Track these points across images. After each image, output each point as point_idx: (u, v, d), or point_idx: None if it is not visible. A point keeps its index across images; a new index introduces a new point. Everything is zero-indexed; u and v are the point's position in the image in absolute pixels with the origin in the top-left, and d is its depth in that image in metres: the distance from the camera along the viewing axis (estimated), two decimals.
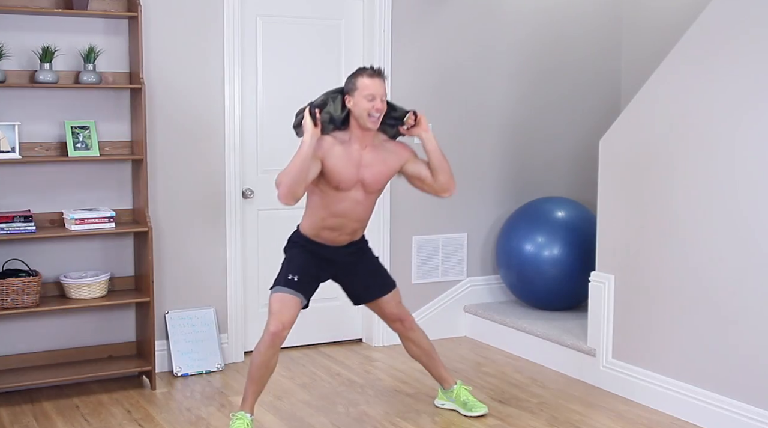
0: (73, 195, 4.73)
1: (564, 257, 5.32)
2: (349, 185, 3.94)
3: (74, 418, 4.29)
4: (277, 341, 3.91)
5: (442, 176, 4.05)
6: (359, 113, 3.86)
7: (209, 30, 4.97)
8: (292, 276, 3.99)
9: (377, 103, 3.84)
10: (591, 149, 5.41)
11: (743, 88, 3.95)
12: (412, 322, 4.32)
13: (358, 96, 3.85)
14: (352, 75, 3.92)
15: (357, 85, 3.86)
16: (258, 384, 3.98)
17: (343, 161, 3.89)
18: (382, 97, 3.86)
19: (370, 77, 3.85)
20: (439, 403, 4.45)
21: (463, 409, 4.32)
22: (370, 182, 3.99)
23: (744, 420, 3.95)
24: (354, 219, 4.04)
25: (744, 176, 3.95)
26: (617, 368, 4.65)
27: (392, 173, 4.06)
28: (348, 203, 3.98)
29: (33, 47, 4.55)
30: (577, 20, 6.08)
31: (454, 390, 4.37)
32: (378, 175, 3.99)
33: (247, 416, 3.96)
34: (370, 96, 3.83)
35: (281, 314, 3.94)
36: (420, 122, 4.04)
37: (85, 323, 4.83)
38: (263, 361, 3.93)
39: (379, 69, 3.91)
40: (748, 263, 3.94)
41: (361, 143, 3.95)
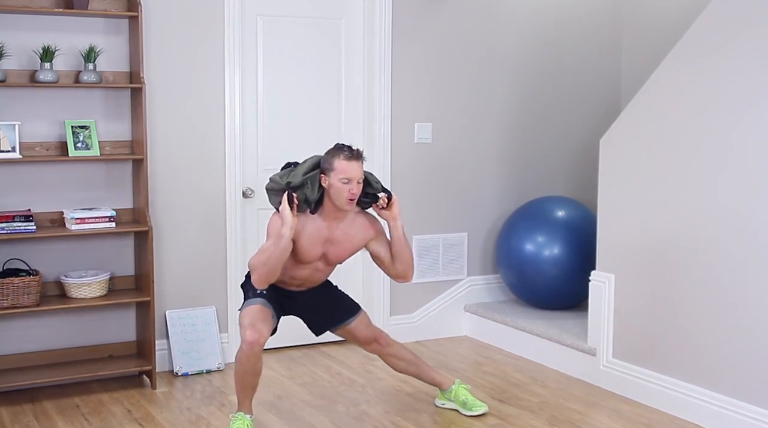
0: (73, 195, 4.73)
1: (564, 256, 5.32)
2: (311, 259, 3.98)
3: (75, 418, 4.30)
4: (256, 349, 3.88)
5: (400, 265, 4.03)
6: (334, 195, 3.85)
7: (209, 29, 4.97)
8: (261, 291, 3.97)
9: (353, 186, 3.82)
10: (591, 149, 5.41)
11: (743, 88, 3.95)
12: (387, 338, 4.29)
13: (333, 178, 3.82)
14: (329, 153, 3.88)
15: (334, 165, 3.82)
16: (248, 389, 4.00)
17: (311, 241, 3.92)
18: (359, 180, 3.84)
19: (347, 160, 3.82)
20: (439, 403, 4.45)
21: (463, 409, 4.32)
22: (333, 258, 4.03)
23: (744, 419, 3.96)
24: (314, 281, 4.12)
25: (744, 174, 3.95)
26: (617, 367, 4.65)
27: (356, 250, 4.07)
28: (308, 271, 4.05)
29: (33, 47, 4.55)
30: (577, 20, 6.08)
31: (452, 390, 4.37)
32: (342, 252, 4.02)
33: (247, 417, 3.98)
34: (346, 179, 3.81)
35: (255, 324, 3.90)
36: (392, 206, 4.01)
37: (86, 322, 4.83)
38: (246, 370, 3.93)
39: (358, 151, 3.87)
40: (748, 261, 3.94)
41: (331, 221, 3.95)
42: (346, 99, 5.50)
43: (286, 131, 5.34)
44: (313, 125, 5.42)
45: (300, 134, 5.38)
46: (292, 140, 5.35)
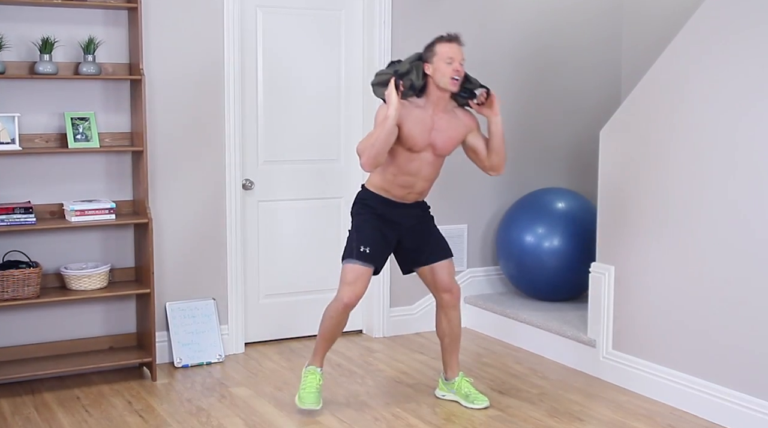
0: (73, 186, 4.73)
1: (564, 248, 5.32)
2: (420, 147, 4.09)
3: (75, 409, 4.30)
4: (348, 310, 4.13)
5: (496, 158, 4.20)
6: (439, 78, 4.02)
7: (209, 21, 4.96)
8: (364, 248, 4.12)
9: (456, 65, 4.00)
10: (591, 140, 5.41)
11: (745, 79, 3.94)
12: (458, 299, 4.35)
13: (437, 62, 4.01)
14: (430, 44, 4.07)
15: (436, 50, 4.03)
16: (329, 341, 4.24)
17: (419, 127, 4.05)
18: (461, 61, 4.02)
19: (448, 42, 4.02)
20: (440, 394, 4.46)
21: (465, 401, 4.33)
22: (440, 147, 4.15)
23: (744, 411, 3.96)
24: (423, 178, 4.20)
25: (745, 166, 3.95)
26: (617, 359, 4.66)
27: (460, 140, 4.22)
28: (418, 163, 4.13)
29: (32, 38, 4.54)
30: (576, 10, 6.07)
31: (455, 381, 4.38)
32: (448, 140, 4.15)
33: (318, 370, 4.22)
34: (449, 59, 3.99)
35: (355, 286, 4.10)
36: (491, 102, 4.17)
37: (86, 314, 4.84)
38: (334, 324, 4.17)
39: (456, 34, 4.07)
40: (747, 253, 3.94)
41: (435, 108, 4.10)
42: (345, 91, 5.49)
43: (285, 123, 5.34)
44: (313, 116, 5.41)
45: (300, 125, 5.37)
46: (291, 132, 5.35)
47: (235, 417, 4.20)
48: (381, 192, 4.18)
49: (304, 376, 4.23)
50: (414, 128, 4.03)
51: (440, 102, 4.09)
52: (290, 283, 5.39)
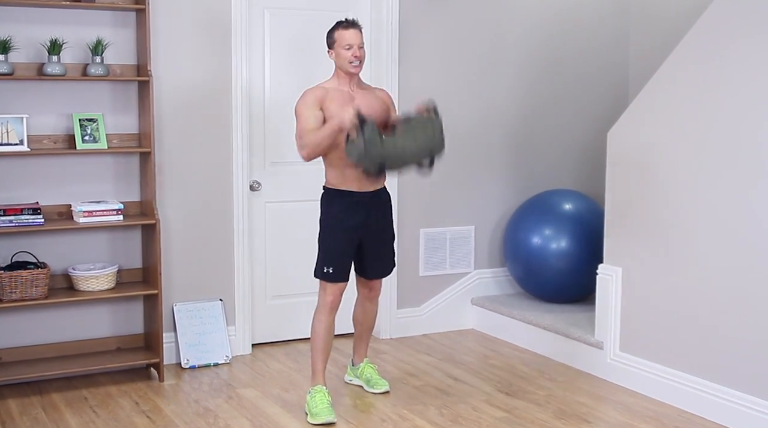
0: (81, 187, 4.74)
1: (571, 249, 5.31)
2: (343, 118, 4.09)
3: (83, 410, 4.31)
4: (334, 308, 4.28)
5: None
6: (341, 63, 4.19)
7: (217, 22, 4.97)
8: (328, 269, 4.25)
9: (355, 50, 4.16)
10: (599, 142, 5.40)
11: (753, 81, 3.93)
12: (377, 296, 4.54)
13: (338, 48, 4.19)
14: (330, 30, 4.24)
15: (335, 37, 4.20)
16: (325, 352, 4.29)
17: (337, 101, 4.16)
18: (359, 45, 4.18)
19: (345, 29, 4.19)
20: (347, 379, 4.70)
21: (367, 385, 4.57)
22: (367, 112, 4.08)
23: (751, 413, 3.95)
24: None
25: (753, 168, 3.94)
26: (625, 360, 4.65)
27: (384, 107, 4.32)
28: None
29: (41, 40, 4.55)
30: (584, 11, 6.06)
31: (360, 367, 4.61)
32: (372, 106, 4.23)
33: (324, 388, 4.24)
34: (348, 45, 4.16)
35: (332, 290, 4.27)
36: None
37: (94, 315, 4.85)
38: (326, 326, 4.27)
39: (354, 20, 4.24)
40: (755, 255, 3.93)
41: (348, 86, 4.24)
42: None
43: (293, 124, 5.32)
44: None
45: None
46: None
47: (242, 418, 4.20)
48: (341, 186, 4.24)
49: (311, 397, 4.20)
50: (333, 104, 4.14)
51: (351, 81, 4.23)
52: (297, 284, 5.39)
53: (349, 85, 4.25)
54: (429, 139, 4.09)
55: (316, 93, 4.18)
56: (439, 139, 4.11)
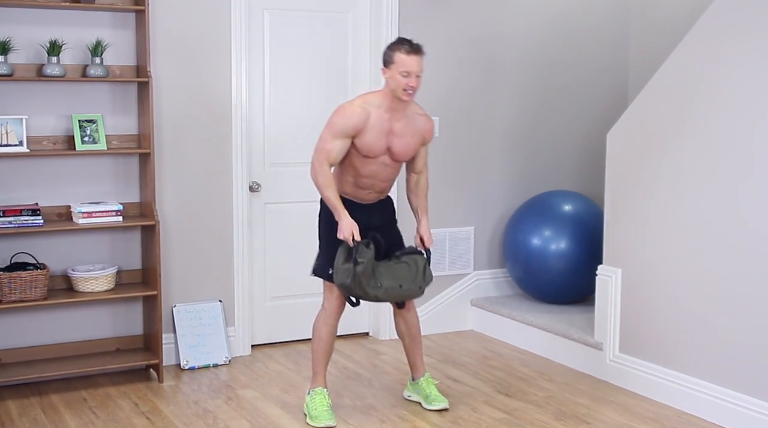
0: (80, 189, 4.74)
1: (571, 250, 5.31)
2: (377, 154, 4.04)
3: (82, 411, 4.31)
4: (339, 313, 4.20)
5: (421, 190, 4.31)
6: (394, 87, 3.95)
7: (216, 23, 4.97)
8: (332, 270, 4.10)
9: (412, 80, 3.92)
10: (598, 143, 5.40)
11: (753, 81, 3.93)
12: (411, 302, 4.35)
13: (394, 70, 3.93)
14: (391, 47, 3.99)
15: (395, 59, 3.93)
16: (327, 355, 4.22)
17: (375, 134, 3.99)
18: (418, 74, 3.94)
19: (407, 54, 3.92)
20: (405, 395, 4.48)
21: (425, 402, 4.34)
22: (397, 152, 4.08)
23: (751, 414, 3.95)
24: (382, 179, 4.16)
25: (753, 169, 3.94)
26: (624, 362, 4.65)
27: (416, 145, 4.16)
28: (376, 166, 4.09)
29: (40, 41, 4.55)
30: (584, 12, 6.06)
31: (420, 382, 4.38)
32: (406, 146, 4.10)
33: (324, 390, 4.18)
34: (406, 73, 3.91)
35: (338, 294, 4.14)
36: None
37: (93, 316, 4.84)
38: (330, 330, 4.20)
39: (418, 45, 3.97)
40: (755, 256, 3.93)
41: (393, 113, 4.03)
42: (352, 93, 5.48)
43: (292, 126, 5.34)
44: (319, 119, 5.37)
45: (306, 128, 5.37)
46: (298, 135, 5.35)
47: (242, 419, 4.20)
48: (343, 195, 4.12)
49: (310, 399, 4.17)
50: (370, 136, 3.98)
51: (398, 107, 4.03)
52: (297, 285, 5.38)
53: (393, 111, 4.02)
54: (412, 286, 4.13)
55: (359, 118, 3.94)
56: (423, 288, 4.17)
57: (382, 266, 4.07)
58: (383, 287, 4.03)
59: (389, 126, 4.02)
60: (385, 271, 4.06)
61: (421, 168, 4.26)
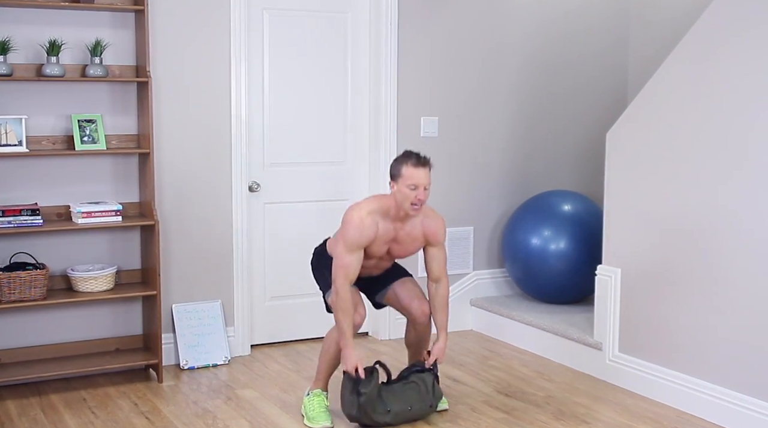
0: (80, 188, 4.74)
1: (570, 250, 5.31)
2: (375, 256, 4.08)
3: (81, 411, 4.31)
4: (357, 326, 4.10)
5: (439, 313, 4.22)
6: (401, 200, 3.92)
7: (216, 23, 4.97)
8: None
9: (420, 192, 3.89)
10: (598, 143, 5.40)
11: (752, 81, 3.94)
12: (427, 316, 4.24)
13: (401, 183, 3.90)
14: (397, 160, 3.97)
15: (402, 172, 3.90)
16: (333, 367, 4.19)
17: (379, 243, 4.01)
18: (426, 187, 3.91)
19: (415, 167, 3.89)
20: None
21: None
22: (395, 254, 4.14)
23: (750, 414, 3.95)
24: (381, 268, 4.23)
25: (752, 169, 3.94)
26: (623, 361, 4.65)
27: (417, 250, 4.16)
28: (374, 261, 4.13)
29: (40, 41, 4.55)
30: (584, 13, 6.06)
31: None
32: (404, 252, 4.14)
33: (324, 393, 4.17)
34: (413, 186, 3.88)
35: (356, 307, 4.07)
36: None
37: (92, 316, 4.84)
38: (338, 349, 4.09)
39: (426, 158, 3.94)
40: (755, 256, 3.93)
41: (397, 222, 4.02)
42: (352, 93, 5.50)
43: (292, 125, 5.34)
44: (319, 118, 5.42)
45: (306, 127, 5.38)
46: (298, 134, 5.35)
47: (241, 419, 4.20)
48: None
49: (309, 400, 4.16)
50: (376, 245, 4.00)
51: (405, 218, 4.00)
52: (296, 285, 5.39)
53: (398, 220, 3.99)
54: (422, 406, 4.10)
55: (371, 231, 3.93)
56: (434, 406, 4.14)
57: (389, 390, 4.04)
58: (392, 412, 4.00)
59: (393, 235, 4.02)
60: (393, 394, 4.04)
61: (439, 275, 4.17)
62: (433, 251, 4.15)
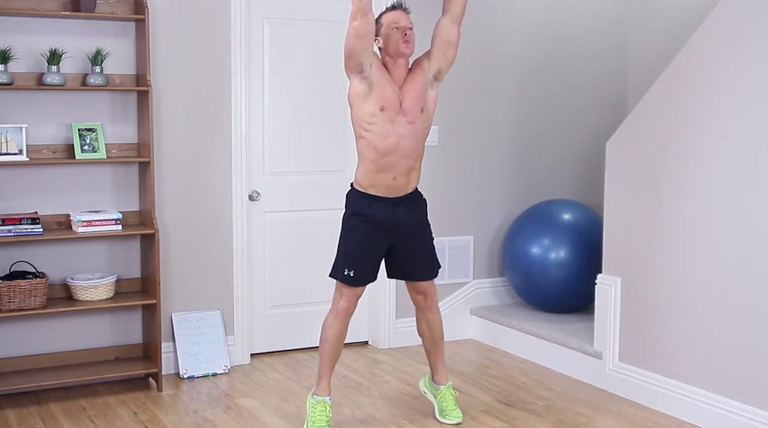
0: (80, 197, 4.74)
1: (570, 259, 5.31)
2: (391, 106, 3.96)
3: (81, 420, 4.30)
4: (348, 316, 4.09)
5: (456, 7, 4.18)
6: (393, 45, 3.97)
7: (216, 32, 4.98)
8: (349, 272, 4.03)
9: (403, 28, 3.96)
10: (598, 152, 5.41)
11: (752, 90, 3.94)
12: (434, 302, 4.26)
13: (385, 30, 3.97)
14: (375, 20, 3.96)
15: (382, 20, 4.00)
16: (333, 359, 4.12)
17: (383, 84, 3.96)
18: (409, 27, 3.98)
19: (393, 10, 4.02)
20: (422, 389, 4.43)
21: (439, 413, 4.30)
22: (408, 104, 4.00)
23: (750, 423, 3.94)
24: (404, 155, 4.01)
25: (752, 178, 3.94)
26: (624, 371, 4.64)
27: (425, 88, 4.08)
28: (394, 138, 3.98)
29: (40, 50, 4.56)
30: (583, 21, 6.07)
31: (441, 390, 4.32)
32: (414, 95, 4.02)
33: (327, 400, 4.10)
34: (395, 23, 3.96)
35: (349, 296, 4.07)
36: None
37: (92, 325, 4.84)
38: (337, 333, 4.08)
39: (401, 2, 4.05)
40: (755, 265, 3.93)
41: (397, 74, 4.02)
42: None
43: (292, 134, 5.35)
44: (319, 128, 5.42)
45: (306, 136, 5.38)
46: (298, 143, 5.36)
47: None
48: (369, 189, 4.03)
49: (311, 407, 4.09)
50: (382, 86, 3.95)
51: (401, 67, 4.02)
52: (296, 294, 5.39)
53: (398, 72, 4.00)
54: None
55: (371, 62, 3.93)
56: None
57: None
58: None
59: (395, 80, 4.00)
60: None
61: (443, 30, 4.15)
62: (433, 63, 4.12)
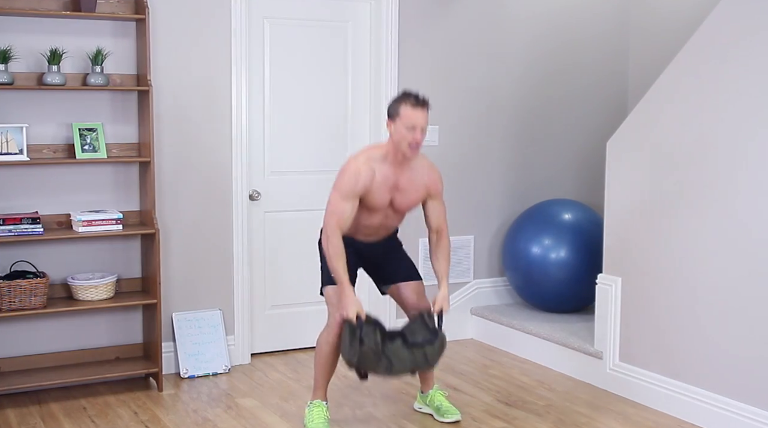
0: (80, 197, 4.74)
1: (571, 259, 5.31)
2: (380, 207, 4.02)
3: (81, 419, 4.30)
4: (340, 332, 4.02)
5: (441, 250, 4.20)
6: (398, 140, 3.88)
7: (216, 32, 4.98)
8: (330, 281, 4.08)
9: (417, 134, 3.84)
10: (598, 151, 5.40)
11: (752, 89, 3.94)
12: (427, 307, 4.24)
13: (399, 124, 3.86)
14: (396, 100, 3.93)
15: (400, 112, 3.86)
16: (329, 370, 4.14)
17: (380, 192, 3.95)
18: (423, 128, 3.86)
19: (413, 108, 3.85)
20: (416, 407, 4.45)
21: (437, 414, 4.31)
22: (399, 206, 4.07)
23: (750, 423, 3.94)
24: (386, 228, 4.17)
25: (752, 179, 3.94)
26: (624, 371, 4.64)
27: (420, 199, 4.11)
28: (379, 218, 4.08)
29: (41, 49, 4.56)
30: (584, 23, 6.07)
31: (429, 394, 4.35)
32: (408, 201, 4.08)
33: (324, 403, 4.13)
34: (411, 126, 3.83)
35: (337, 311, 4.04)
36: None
37: (93, 324, 4.84)
38: (333, 348, 4.06)
39: (424, 99, 3.90)
40: (755, 265, 3.93)
41: (396, 167, 3.97)
42: (352, 102, 5.50)
43: (292, 134, 5.35)
44: (319, 127, 5.42)
45: (307, 137, 5.39)
46: (299, 143, 5.36)
47: None
48: (346, 235, 4.01)
49: (309, 410, 4.14)
50: (377, 194, 3.94)
51: (402, 161, 3.95)
52: (297, 294, 5.39)
53: (398, 164, 3.95)
54: (425, 368, 4.11)
55: (366, 178, 3.89)
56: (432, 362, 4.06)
57: (392, 349, 3.94)
58: (394, 369, 3.95)
59: (394, 181, 3.97)
60: (396, 355, 3.95)
61: (439, 225, 4.16)
62: (433, 203, 4.14)
